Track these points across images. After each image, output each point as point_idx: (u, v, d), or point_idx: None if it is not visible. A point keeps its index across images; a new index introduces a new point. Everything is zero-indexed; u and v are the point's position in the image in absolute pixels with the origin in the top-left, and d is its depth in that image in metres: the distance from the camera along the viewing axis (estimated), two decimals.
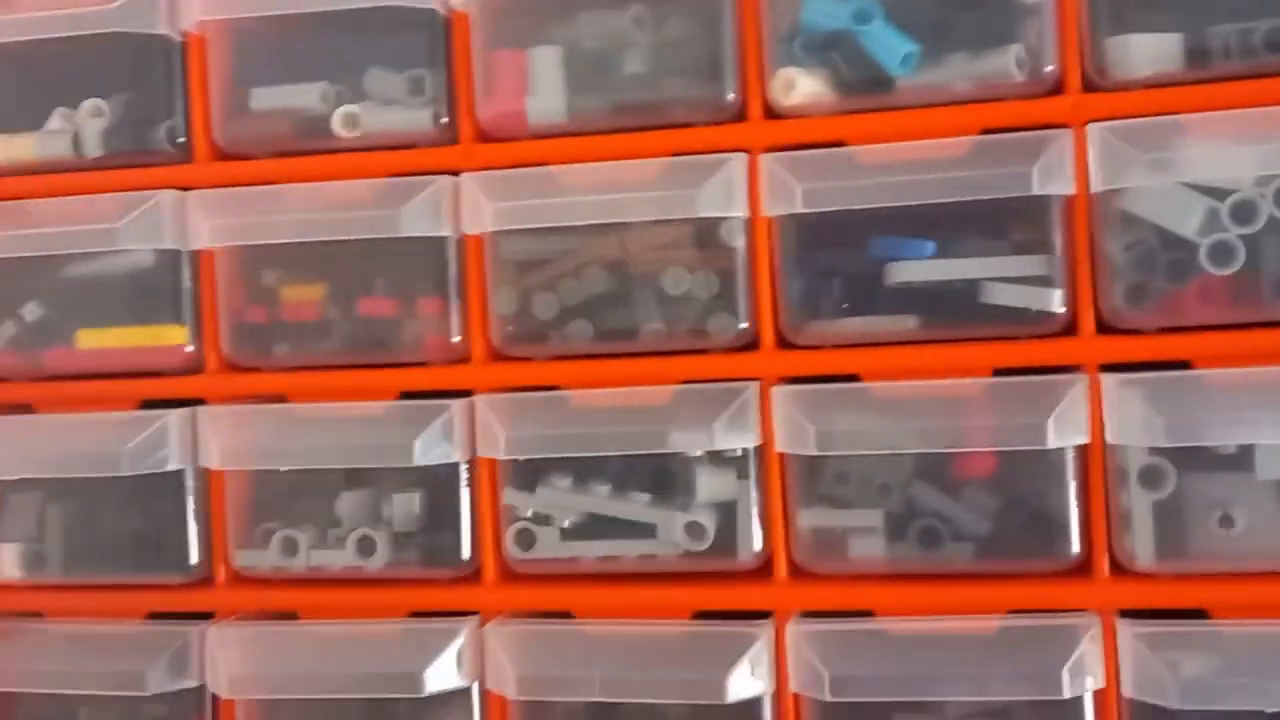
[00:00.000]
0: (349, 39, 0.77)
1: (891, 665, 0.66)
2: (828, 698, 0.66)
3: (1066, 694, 0.63)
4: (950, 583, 0.68)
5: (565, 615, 0.72)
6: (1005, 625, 0.66)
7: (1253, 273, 0.64)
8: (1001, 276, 0.67)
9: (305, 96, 0.76)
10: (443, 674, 0.71)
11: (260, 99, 0.77)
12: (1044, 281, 0.67)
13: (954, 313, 0.68)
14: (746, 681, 0.67)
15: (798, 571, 0.70)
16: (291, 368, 0.76)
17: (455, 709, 0.72)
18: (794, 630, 0.68)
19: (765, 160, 0.68)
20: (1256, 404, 0.63)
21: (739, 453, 0.71)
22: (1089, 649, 0.64)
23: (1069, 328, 0.67)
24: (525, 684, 0.70)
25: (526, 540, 0.73)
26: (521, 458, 0.72)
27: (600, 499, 0.72)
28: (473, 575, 0.73)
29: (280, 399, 0.75)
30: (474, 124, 0.73)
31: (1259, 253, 0.64)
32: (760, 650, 0.68)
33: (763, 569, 0.70)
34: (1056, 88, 0.67)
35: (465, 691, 0.72)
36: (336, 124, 0.75)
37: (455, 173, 0.73)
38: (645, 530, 0.72)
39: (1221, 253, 0.64)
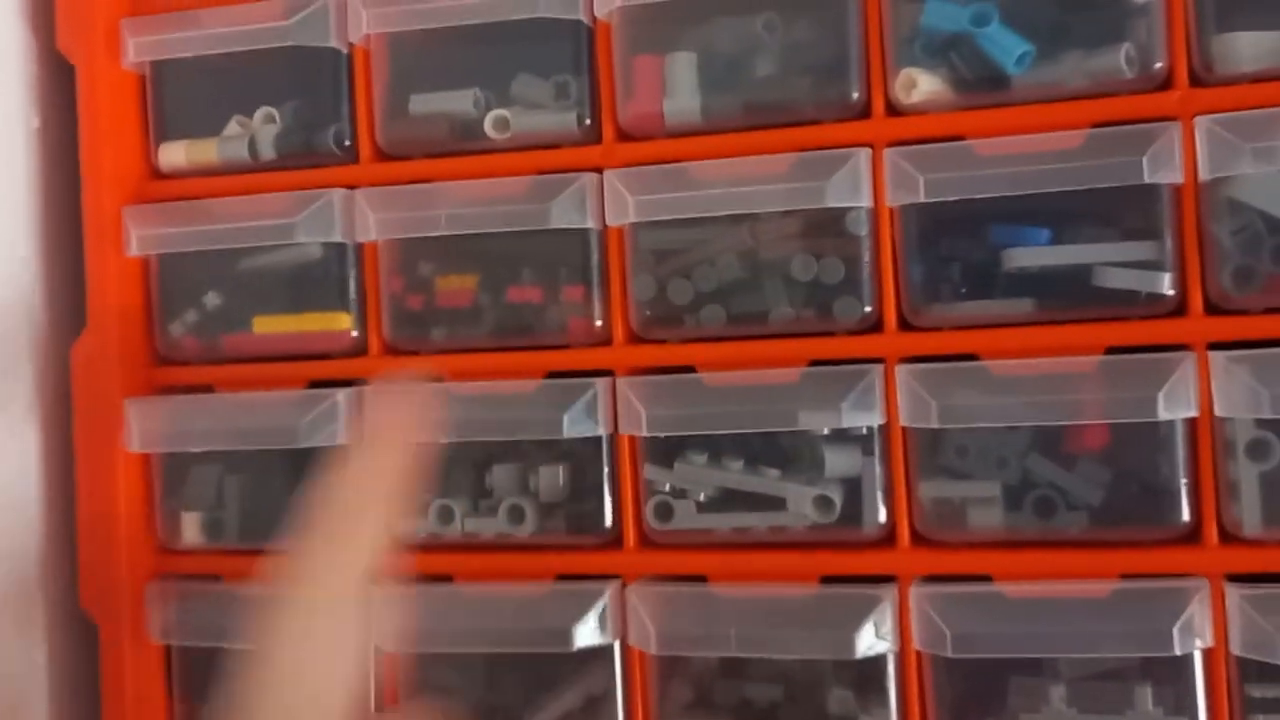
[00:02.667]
0: (499, 49, 0.83)
1: (1010, 625, 0.70)
2: (950, 654, 0.71)
3: (1177, 651, 0.67)
4: (1065, 549, 0.72)
5: (700, 579, 0.78)
6: (1118, 589, 0.70)
7: None
8: (1114, 261, 0.72)
9: (459, 102, 0.83)
10: (589, 631, 0.77)
11: (418, 104, 0.84)
12: (1154, 266, 0.71)
13: (1068, 296, 0.72)
14: (873, 639, 0.72)
15: (919, 539, 0.75)
16: (446, 350, 0.83)
17: (598, 665, 0.78)
18: (917, 592, 0.73)
19: (889, 154, 0.73)
20: None
21: (864, 430, 0.76)
22: (1198, 610, 0.68)
23: (1178, 309, 0.71)
24: (665, 640, 0.76)
25: (665, 513, 0.78)
26: (660, 435, 0.77)
27: (734, 474, 0.78)
28: (614, 542, 0.79)
29: (436, 379, 0.82)
30: (615, 125, 0.79)
31: None
32: (885, 611, 0.73)
33: (886, 538, 0.75)
34: (1165, 83, 0.71)
35: (608, 648, 0.78)
36: (488, 127, 0.82)
37: (598, 170, 0.79)
38: (776, 503, 0.77)
39: None
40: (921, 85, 0.74)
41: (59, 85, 0.89)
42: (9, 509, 0.85)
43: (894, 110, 0.75)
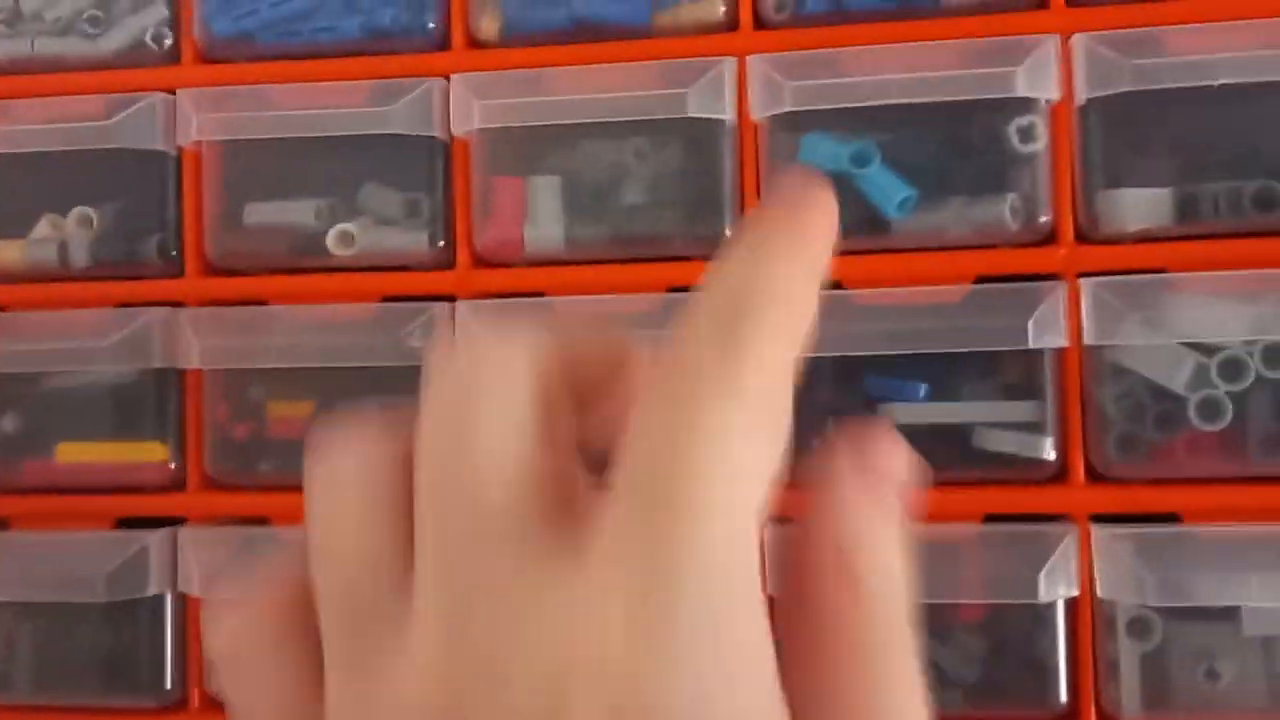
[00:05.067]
0: (345, 158, 0.76)
1: None
2: None
3: None
4: None
5: None
6: None
7: (1240, 428, 0.65)
8: (994, 422, 0.68)
9: (299, 213, 0.76)
10: None
11: (253, 214, 0.76)
12: (1035, 428, 0.68)
13: (946, 456, 0.68)
14: None
15: None
16: (277, 487, 0.75)
17: None
18: None
19: None
20: (1245, 562, 0.63)
21: None
22: None
23: (1059, 475, 0.67)
24: None
25: None
26: None
27: None
28: None
29: (262, 520, 0.74)
30: (471, 249, 0.73)
31: (1246, 409, 0.65)
32: None
33: None
34: (1050, 237, 0.68)
35: None
36: (331, 242, 0.75)
37: (451, 298, 0.73)
38: None
39: (1209, 408, 0.65)
40: None
41: None
42: None
43: None
